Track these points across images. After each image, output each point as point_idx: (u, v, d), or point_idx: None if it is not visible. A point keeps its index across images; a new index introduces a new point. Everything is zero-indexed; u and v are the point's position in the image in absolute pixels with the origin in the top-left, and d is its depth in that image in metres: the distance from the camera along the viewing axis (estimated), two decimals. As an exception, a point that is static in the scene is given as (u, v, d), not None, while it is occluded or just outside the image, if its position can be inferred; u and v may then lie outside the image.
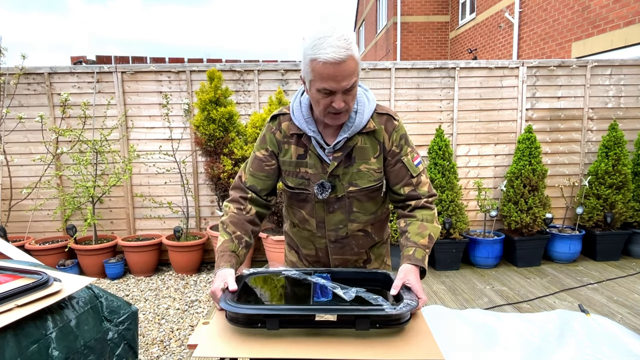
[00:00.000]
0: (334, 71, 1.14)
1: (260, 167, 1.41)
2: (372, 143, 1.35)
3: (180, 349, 2.76)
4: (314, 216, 1.41)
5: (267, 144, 1.40)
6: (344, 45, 1.13)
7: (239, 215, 1.39)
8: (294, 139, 1.37)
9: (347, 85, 1.17)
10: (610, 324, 2.11)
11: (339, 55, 1.12)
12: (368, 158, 1.35)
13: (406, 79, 4.34)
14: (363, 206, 1.40)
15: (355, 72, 1.18)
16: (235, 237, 1.34)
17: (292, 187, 1.40)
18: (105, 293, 1.51)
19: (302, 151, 1.36)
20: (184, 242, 4.05)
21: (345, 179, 1.35)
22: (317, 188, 1.34)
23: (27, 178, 4.23)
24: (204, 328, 1.17)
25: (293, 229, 1.53)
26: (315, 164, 1.35)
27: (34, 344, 1.14)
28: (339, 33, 1.15)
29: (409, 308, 1.04)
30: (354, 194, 1.37)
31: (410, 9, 11.88)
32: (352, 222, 1.41)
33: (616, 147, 4.19)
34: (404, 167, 1.36)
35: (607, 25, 5.91)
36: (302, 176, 1.37)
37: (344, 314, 1.03)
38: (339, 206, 1.38)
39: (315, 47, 1.14)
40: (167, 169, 4.29)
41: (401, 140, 1.37)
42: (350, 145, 1.33)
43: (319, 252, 1.49)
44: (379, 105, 1.38)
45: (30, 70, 4.12)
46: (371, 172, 1.36)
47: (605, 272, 4.00)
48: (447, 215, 4.10)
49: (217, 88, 3.90)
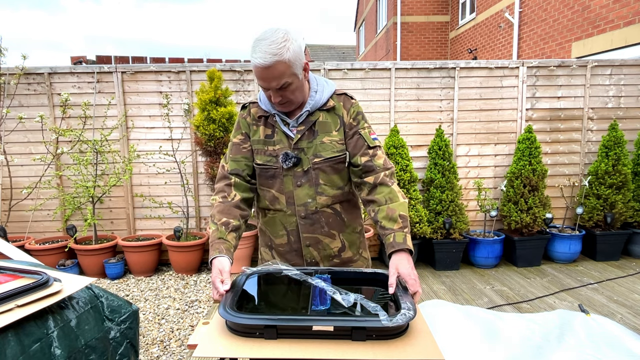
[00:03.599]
0: (262, 73, 1.29)
1: (238, 151, 1.52)
2: (333, 118, 1.48)
3: (180, 349, 2.76)
4: (283, 192, 1.49)
5: (241, 128, 1.54)
6: (272, 50, 1.25)
7: (224, 202, 1.47)
8: (262, 120, 1.50)
9: (277, 86, 1.31)
10: (610, 324, 2.11)
11: (265, 60, 1.25)
12: (330, 131, 1.47)
13: (406, 79, 4.34)
14: (329, 179, 1.48)
15: (284, 74, 1.29)
16: (221, 224, 1.40)
17: (261, 164, 1.49)
18: (105, 293, 1.51)
19: (270, 131, 1.49)
20: (184, 242, 4.05)
21: (309, 151, 1.46)
22: (282, 157, 1.44)
23: (27, 178, 4.24)
24: (204, 328, 1.17)
25: (264, 218, 1.59)
26: (282, 139, 1.47)
27: (35, 342, 1.14)
28: (274, 37, 1.26)
29: (405, 319, 1.04)
30: (319, 164, 1.46)
31: (410, 9, 11.88)
32: (320, 195, 1.48)
33: (616, 147, 4.19)
34: (361, 138, 1.48)
35: (607, 25, 5.91)
36: (270, 153, 1.48)
37: (340, 325, 1.03)
38: (306, 179, 1.47)
39: (252, 49, 1.28)
40: (167, 169, 4.30)
41: (358, 116, 1.50)
42: (312, 120, 1.46)
43: (291, 236, 1.52)
44: (338, 89, 1.54)
45: (30, 70, 4.12)
46: (334, 143, 1.47)
47: (605, 272, 4.00)
48: (447, 215, 4.10)
49: (217, 88, 3.90)
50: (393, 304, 1.18)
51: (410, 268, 1.25)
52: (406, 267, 1.25)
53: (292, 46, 1.28)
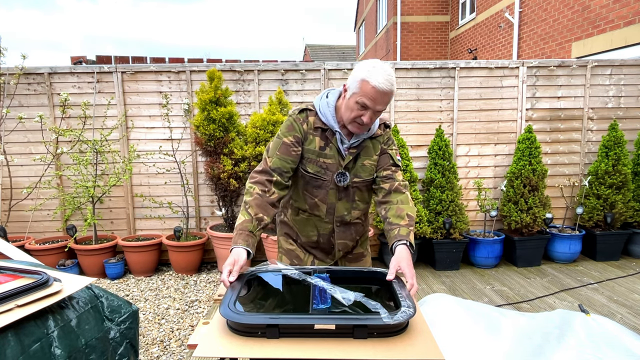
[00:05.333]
0: (377, 96, 1.41)
1: (287, 152, 1.57)
2: (374, 144, 1.64)
3: (180, 349, 2.76)
4: (325, 202, 1.63)
5: (295, 131, 1.59)
6: (392, 80, 1.42)
7: (263, 197, 1.50)
8: (318, 132, 1.59)
9: (380, 110, 1.46)
10: (610, 324, 2.11)
11: (387, 86, 1.40)
12: (371, 155, 1.62)
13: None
14: (362, 195, 1.67)
15: (389, 102, 1.47)
16: (256, 219, 1.45)
17: (310, 173, 1.59)
18: (105, 293, 1.51)
19: (324, 144, 1.59)
20: (184, 242, 4.05)
21: (352, 171, 1.60)
22: (338, 176, 1.58)
23: (27, 178, 4.24)
24: (204, 328, 1.17)
25: (296, 217, 1.71)
26: (334, 155, 1.58)
27: (36, 342, 1.14)
28: (391, 71, 1.44)
29: (406, 317, 1.04)
30: (357, 184, 1.62)
31: (410, 9, 11.88)
32: (354, 209, 1.66)
33: (616, 147, 4.19)
34: (388, 156, 1.64)
35: (607, 25, 5.91)
36: (321, 165, 1.59)
37: (342, 323, 1.04)
38: (345, 195, 1.63)
39: (371, 72, 1.40)
40: (167, 169, 4.30)
41: (389, 141, 1.67)
42: (363, 145, 1.61)
43: (321, 238, 1.69)
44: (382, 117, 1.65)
45: (30, 70, 4.12)
46: (372, 167, 1.63)
47: (605, 272, 4.00)
48: (447, 215, 4.10)
49: (217, 88, 3.90)
50: (392, 303, 1.18)
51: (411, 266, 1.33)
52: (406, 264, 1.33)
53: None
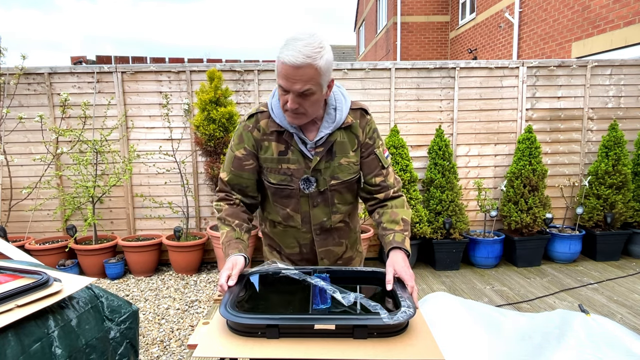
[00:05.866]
0: (288, 72, 1.19)
1: (240, 166, 1.43)
2: (350, 137, 1.42)
3: (180, 349, 2.76)
4: (299, 211, 1.45)
5: (244, 143, 1.42)
6: (307, 52, 1.17)
7: (232, 208, 1.45)
8: (274, 135, 1.39)
9: (299, 89, 1.21)
10: (610, 324, 2.11)
11: (296, 59, 1.17)
12: (347, 152, 1.41)
13: (406, 79, 4.34)
14: (343, 198, 1.47)
15: (312, 79, 1.21)
16: (236, 226, 1.40)
17: (274, 184, 1.42)
18: (105, 293, 1.51)
19: (283, 147, 1.39)
20: (184, 242, 4.05)
21: (327, 173, 1.40)
22: (303, 183, 1.39)
23: (27, 178, 4.24)
24: (204, 328, 1.17)
25: (274, 230, 1.55)
26: (298, 159, 1.39)
27: (36, 342, 1.14)
28: (311, 40, 1.18)
29: (406, 317, 1.04)
30: (336, 186, 1.43)
31: (410, 9, 11.88)
32: (335, 213, 1.48)
33: (616, 147, 4.19)
34: (376, 158, 1.45)
35: (607, 25, 5.91)
36: (285, 172, 1.40)
37: (342, 323, 1.04)
38: (321, 199, 1.44)
39: (284, 47, 1.20)
40: (167, 169, 4.30)
41: (373, 134, 1.46)
42: (331, 140, 1.39)
43: (303, 249, 1.53)
44: (353, 101, 1.45)
45: (30, 70, 4.12)
46: (350, 164, 1.42)
47: (605, 272, 4.00)
48: (447, 215, 4.10)
49: (217, 88, 3.90)
50: (392, 301, 1.18)
51: (407, 266, 1.28)
52: (402, 265, 1.28)
53: (326, 56, 1.21)
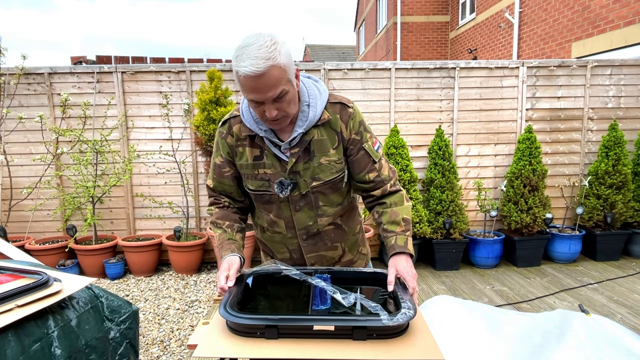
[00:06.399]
0: (255, 84, 1.10)
1: (220, 174, 1.41)
2: (329, 134, 1.32)
3: (180, 349, 2.76)
4: (281, 217, 1.39)
5: (220, 150, 1.38)
6: (264, 54, 1.08)
7: (223, 210, 1.45)
8: (248, 140, 1.33)
9: (273, 96, 1.13)
10: (610, 324, 2.11)
11: (257, 67, 1.07)
12: (327, 150, 1.32)
13: (406, 79, 4.34)
14: (328, 199, 1.38)
15: (280, 80, 1.12)
16: (227, 227, 1.40)
17: (253, 190, 1.38)
18: (105, 293, 1.51)
19: (258, 152, 1.33)
20: (184, 242, 4.05)
21: (307, 174, 1.32)
22: (277, 186, 1.31)
23: (27, 178, 4.24)
24: (204, 328, 1.17)
25: (264, 235, 1.50)
26: (273, 163, 1.32)
27: (36, 342, 1.14)
28: (262, 40, 1.09)
29: (406, 318, 1.04)
30: (318, 188, 1.34)
31: (410, 9, 11.88)
32: (321, 216, 1.39)
33: (616, 147, 4.19)
34: (366, 154, 1.35)
35: (607, 25, 5.91)
36: (262, 177, 1.34)
37: (341, 325, 1.03)
38: (304, 203, 1.36)
39: (237, 59, 1.10)
40: (167, 169, 4.30)
41: (360, 127, 1.35)
42: (307, 139, 1.30)
43: (293, 254, 1.47)
44: (332, 94, 1.35)
45: (30, 70, 4.12)
46: (332, 163, 1.33)
47: (605, 272, 4.00)
48: (447, 215, 4.10)
49: (217, 88, 3.90)
50: (393, 302, 1.18)
51: (409, 267, 1.26)
52: (404, 266, 1.25)
53: (283, 49, 1.12)
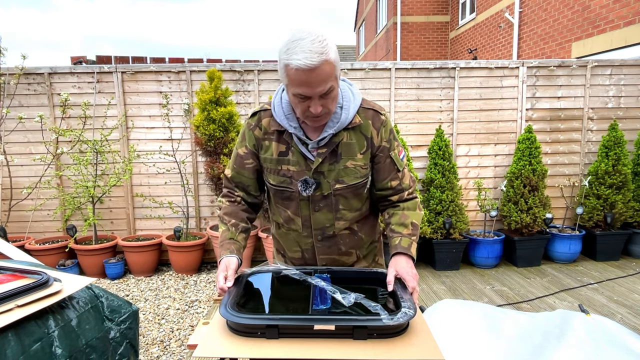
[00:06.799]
0: (307, 77, 1.10)
1: (242, 165, 1.41)
2: (358, 138, 1.32)
3: (180, 349, 2.76)
4: (299, 215, 1.39)
5: (246, 142, 1.39)
6: (317, 49, 1.08)
7: (232, 206, 1.44)
8: (275, 135, 1.34)
9: (323, 91, 1.14)
10: (611, 323, 2.11)
11: (311, 61, 1.08)
12: (354, 154, 1.32)
13: (406, 79, 4.34)
14: (349, 203, 1.38)
15: (330, 76, 1.14)
16: (231, 225, 1.39)
17: (274, 185, 1.38)
18: (105, 293, 1.52)
19: (284, 148, 1.33)
20: (184, 242, 4.05)
21: (330, 175, 1.32)
22: (301, 185, 1.31)
23: (27, 178, 4.24)
24: (204, 328, 1.17)
25: (279, 231, 1.50)
26: (299, 160, 1.32)
27: (36, 342, 1.14)
28: (314, 35, 1.10)
29: (406, 318, 1.04)
30: (340, 191, 1.34)
31: (410, 9, 11.88)
32: (339, 220, 1.39)
33: (616, 147, 4.19)
34: (392, 162, 1.37)
35: (607, 25, 5.91)
36: (284, 174, 1.34)
37: (342, 324, 1.04)
38: (324, 204, 1.36)
39: (289, 52, 1.10)
40: (167, 169, 4.30)
41: (390, 135, 1.36)
42: (336, 141, 1.30)
43: (305, 254, 1.46)
44: (365, 100, 1.36)
45: (30, 70, 4.12)
46: (357, 168, 1.33)
47: (605, 272, 4.00)
48: (447, 215, 4.09)
49: (217, 88, 3.90)
50: (392, 302, 1.18)
51: (409, 267, 1.25)
52: (404, 266, 1.25)
53: (334, 46, 1.13)
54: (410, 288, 1.20)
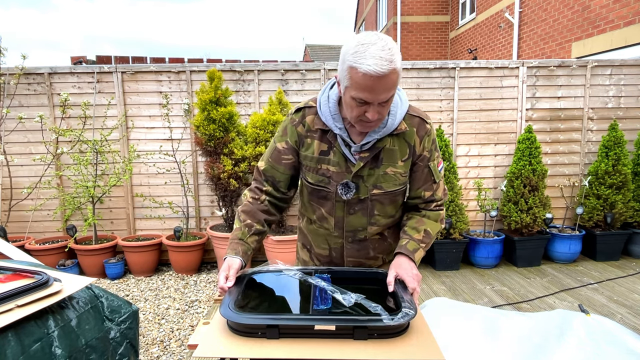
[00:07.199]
0: (373, 84, 1.08)
1: (278, 159, 1.38)
2: (401, 145, 1.31)
3: (180, 349, 2.76)
4: (333, 215, 1.38)
5: (287, 137, 1.37)
6: (387, 56, 1.06)
7: (253, 204, 1.40)
8: (318, 133, 1.32)
9: (385, 99, 1.13)
10: (611, 323, 2.11)
11: (381, 68, 1.06)
12: (396, 161, 1.31)
13: (406, 79, 4.34)
14: (384, 209, 1.37)
15: (395, 85, 1.12)
16: (245, 225, 1.36)
17: (312, 183, 1.37)
18: (105, 293, 1.52)
19: (326, 147, 1.32)
20: (184, 242, 4.05)
21: (369, 180, 1.31)
22: (341, 188, 1.31)
23: (27, 178, 4.24)
24: (204, 328, 1.17)
25: (309, 226, 1.49)
26: (339, 162, 1.31)
27: (36, 342, 1.14)
28: (384, 42, 1.08)
29: (407, 318, 1.04)
30: (377, 196, 1.33)
31: (410, 9, 11.88)
32: (372, 225, 1.38)
33: (616, 147, 4.19)
34: (430, 172, 1.36)
35: (607, 25, 5.91)
36: (323, 173, 1.33)
37: (342, 324, 1.04)
38: (360, 208, 1.35)
39: (357, 54, 1.08)
40: (167, 169, 4.30)
41: (432, 145, 1.35)
42: (379, 146, 1.29)
43: (333, 252, 1.45)
44: (411, 106, 1.34)
45: (30, 70, 4.12)
46: (397, 175, 1.32)
47: (605, 272, 4.00)
48: (447, 215, 4.09)
49: (217, 88, 3.90)
50: (392, 302, 1.18)
51: (410, 268, 1.25)
52: (405, 267, 1.25)
53: (399, 55, 1.11)
54: (411, 289, 1.20)
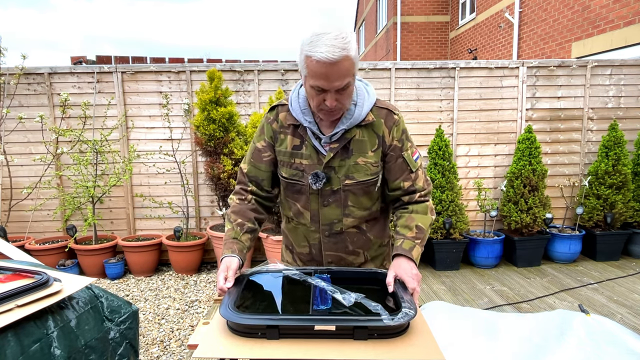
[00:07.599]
0: (327, 70, 1.14)
1: (259, 158, 1.43)
2: (370, 136, 1.35)
3: (180, 349, 2.76)
4: (308, 209, 1.41)
5: (264, 135, 1.43)
6: (340, 44, 1.12)
7: (241, 204, 1.44)
8: (291, 129, 1.38)
9: (340, 85, 1.18)
10: (611, 323, 2.11)
11: (332, 55, 1.11)
12: (365, 151, 1.35)
13: (406, 79, 4.34)
14: (358, 200, 1.40)
15: (349, 72, 1.17)
16: (236, 225, 1.38)
17: (286, 178, 1.41)
18: (105, 293, 1.51)
19: (298, 142, 1.37)
20: (184, 242, 4.05)
21: (341, 171, 1.35)
22: (311, 178, 1.34)
23: (27, 178, 4.23)
24: (204, 328, 1.17)
25: (288, 225, 1.53)
26: (311, 154, 1.35)
27: (35, 343, 1.14)
28: (338, 31, 1.14)
29: (407, 318, 1.04)
30: (350, 187, 1.37)
31: (410, 9, 11.88)
32: (347, 216, 1.40)
33: (616, 147, 4.19)
34: (404, 162, 1.38)
35: (607, 25, 5.91)
36: (297, 167, 1.37)
37: (342, 325, 1.03)
38: (334, 199, 1.38)
39: (312, 44, 1.14)
40: (167, 169, 4.30)
41: (402, 135, 1.39)
42: (348, 137, 1.33)
43: (313, 249, 1.48)
44: (380, 100, 1.39)
45: (30, 70, 4.12)
46: (368, 165, 1.36)
47: (605, 272, 4.00)
48: (447, 215, 4.09)
49: (217, 88, 3.90)
50: (392, 302, 1.18)
51: (409, 268, 1.25)
52: (405, 268, 1.25)
53: (355, 44, 1.17)
54: (410, 289, 1.20)
